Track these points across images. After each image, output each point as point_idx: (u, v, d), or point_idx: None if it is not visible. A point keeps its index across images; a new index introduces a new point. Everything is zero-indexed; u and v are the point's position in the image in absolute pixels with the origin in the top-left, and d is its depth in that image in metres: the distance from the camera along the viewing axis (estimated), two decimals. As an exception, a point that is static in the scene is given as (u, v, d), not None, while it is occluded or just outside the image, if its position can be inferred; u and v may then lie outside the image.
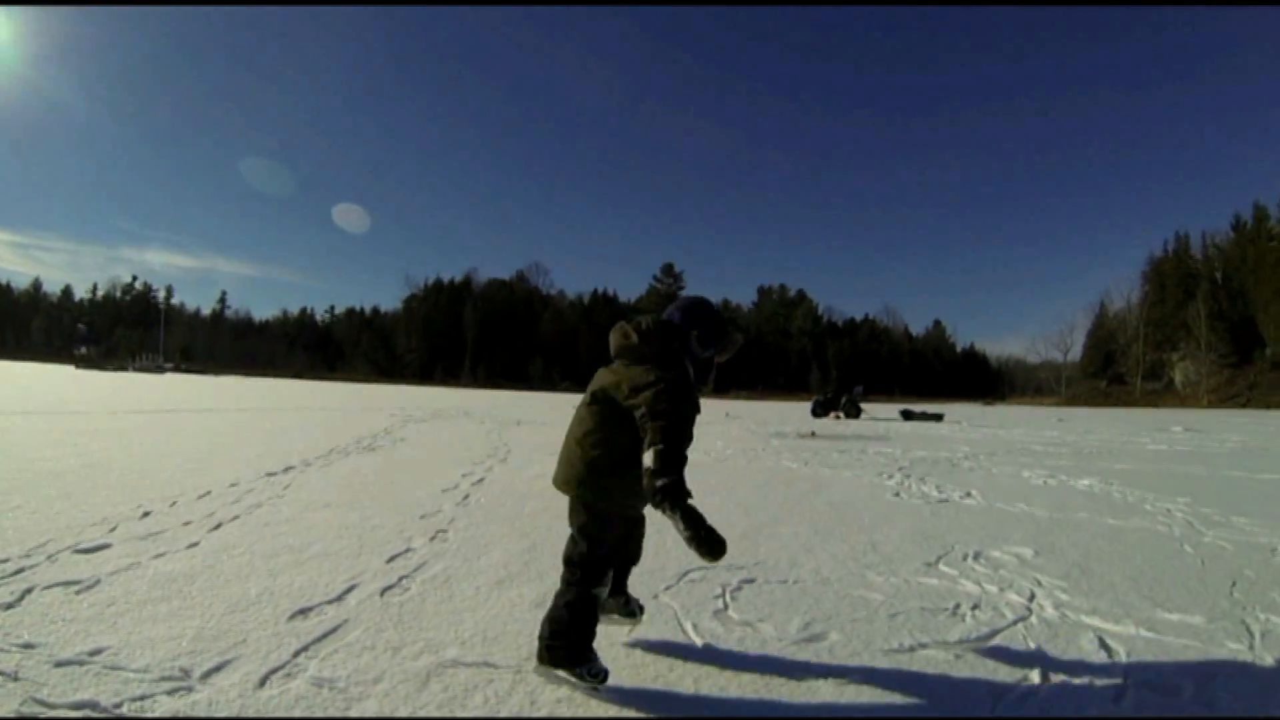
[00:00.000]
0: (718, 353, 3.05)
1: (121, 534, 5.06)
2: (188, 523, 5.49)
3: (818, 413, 30.25)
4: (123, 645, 3.10)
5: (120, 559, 4.43)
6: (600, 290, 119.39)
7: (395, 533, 5.46)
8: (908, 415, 30.70)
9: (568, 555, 2.96)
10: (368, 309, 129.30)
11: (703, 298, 3.12)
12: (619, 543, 3.05)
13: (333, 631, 3.37)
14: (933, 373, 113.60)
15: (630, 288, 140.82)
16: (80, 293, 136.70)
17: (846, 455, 13.04)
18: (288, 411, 21.26)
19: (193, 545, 4.83)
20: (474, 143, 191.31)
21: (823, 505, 7.51)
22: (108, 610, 3.52)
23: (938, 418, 30.80)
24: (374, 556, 4.75)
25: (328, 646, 3.20)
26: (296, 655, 3.08)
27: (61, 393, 26.09)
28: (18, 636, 3.15)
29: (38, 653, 2.99)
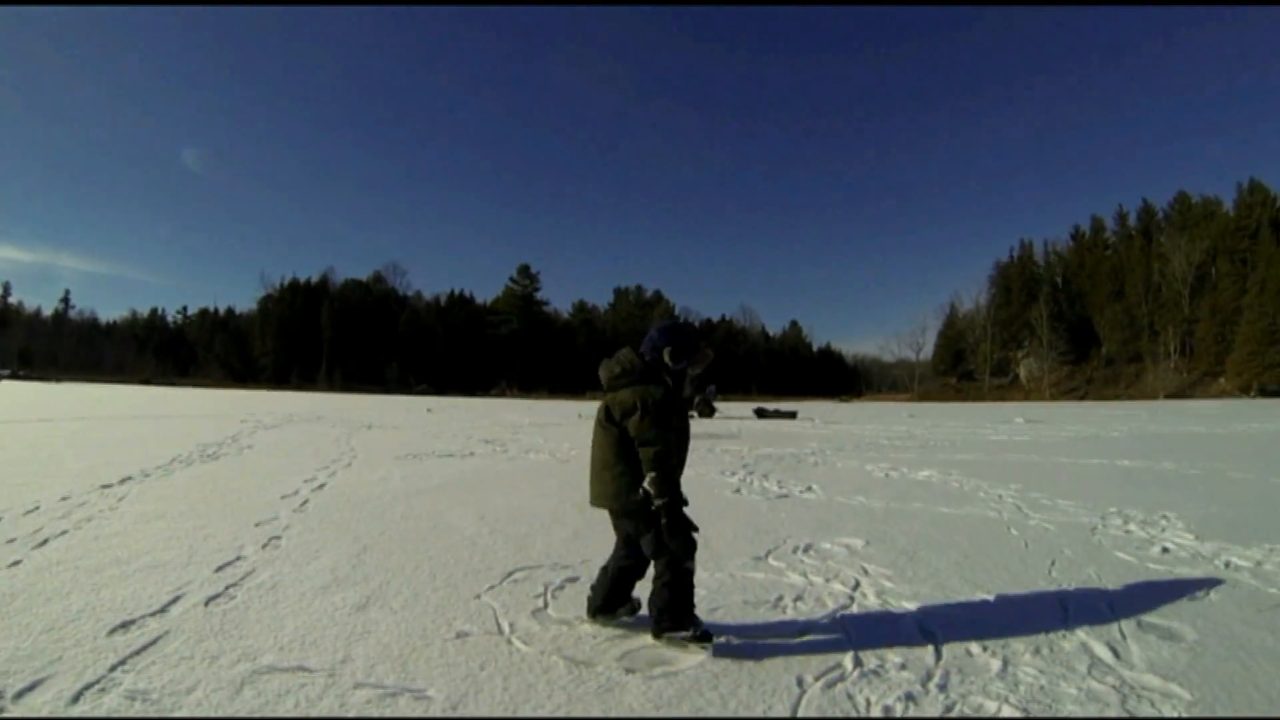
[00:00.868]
0: (690, 365, 3.63)
1: (-58, 557, 4.80)
2: (11, 540, 5.34)
3: (673, 412, 30.56)
4: (-61, 672, 2.99)
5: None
6: (457, 291, 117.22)
7: (229, 541, 5.48)
8: (761, 413, 31.80)
9: (653, 552, 3.46)
10: (222, 310, 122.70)
11: (677, 319, 3.55)
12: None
13: (153, 644, 3.38)
14: (790, 372, 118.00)
15: (487, 289, 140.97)
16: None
17: (693, 454, 12.89)
18: (132, 420, 20.32)
19: (15, 564, 4.69)
20: (329, 138, 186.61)
21: (660, 504, 7.47)
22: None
23: (791, 415, 32.14)
24: (203, 566, 4.75)
25: (146, 659, 3.20)
26: (113, 669, 3.07)
27: None
28: None
29: None
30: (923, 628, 3.72)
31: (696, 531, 3.44)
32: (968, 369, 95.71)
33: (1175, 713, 2.82)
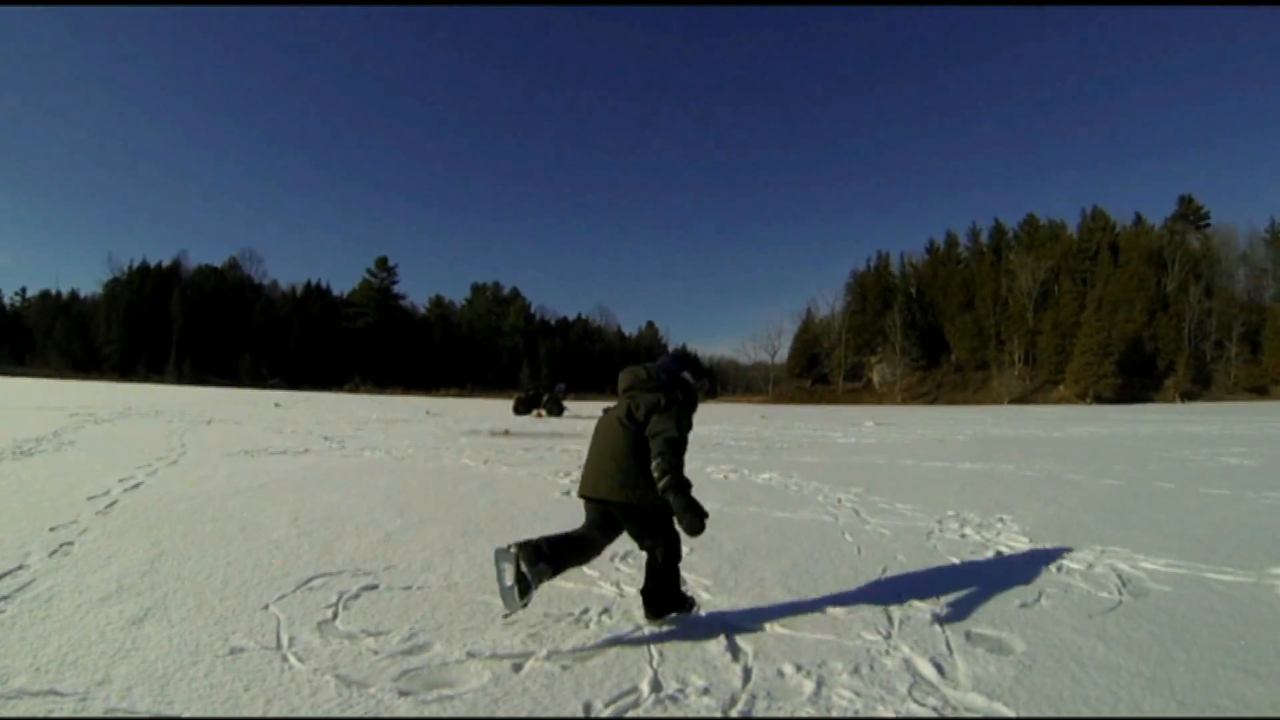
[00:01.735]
0: (699, 386, 4.26)
1: None
2: None
3: (520, 410, 30.16)
4: None
5: None
6: (314, 282, 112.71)
7: (14, 548, 5.16)
8: (611, 413, 31.47)
9: (650, 544, 3.88)
10: (65, 293, 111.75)
11: (685, 351, 3.01)
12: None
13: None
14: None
15: (344, 280, 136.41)
16: None
17: (532, 453, 12.94)
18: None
19: None
20: (184, 111, 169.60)
21: (485, 504, 7.43)
22: None
23: (644, 415, 31.86)
24: (-22, 577, 4.47)
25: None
26: None
27: None
28: None
29: None
30: (734, 646, 3.53)
31: (706, 517, 3.65)
32: (822, 372, 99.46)
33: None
